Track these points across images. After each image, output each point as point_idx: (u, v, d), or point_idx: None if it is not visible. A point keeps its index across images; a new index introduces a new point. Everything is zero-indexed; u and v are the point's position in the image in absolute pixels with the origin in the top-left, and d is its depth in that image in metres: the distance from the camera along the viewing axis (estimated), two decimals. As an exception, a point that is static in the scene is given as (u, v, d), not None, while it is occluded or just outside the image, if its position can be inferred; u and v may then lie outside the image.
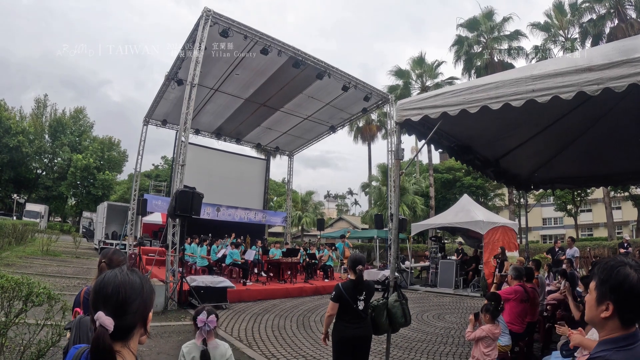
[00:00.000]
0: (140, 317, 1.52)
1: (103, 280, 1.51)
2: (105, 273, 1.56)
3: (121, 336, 1.46)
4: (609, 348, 1.59)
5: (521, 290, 6.16)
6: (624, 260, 1.65)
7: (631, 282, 1.57)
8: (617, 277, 1.61)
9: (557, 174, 10.55)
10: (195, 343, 3.33)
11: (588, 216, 51.15)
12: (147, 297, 1.56)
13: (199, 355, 3.27)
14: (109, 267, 2.99)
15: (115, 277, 1.51)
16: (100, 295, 1.47)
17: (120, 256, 3.37)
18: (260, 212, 25.82)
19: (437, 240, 19.98)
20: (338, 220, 64.71)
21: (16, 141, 49.83)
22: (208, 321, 3.29)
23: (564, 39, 29.59)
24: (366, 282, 4.51)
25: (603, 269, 1.69)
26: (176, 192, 11.19)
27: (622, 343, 1.57)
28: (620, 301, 1.59)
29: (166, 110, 21.10)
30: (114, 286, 1.48)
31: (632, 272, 1.58)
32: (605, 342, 1.63)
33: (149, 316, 1.58)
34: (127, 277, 1.53)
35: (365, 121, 41.04)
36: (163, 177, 51.43)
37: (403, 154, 5.74)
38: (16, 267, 14.22)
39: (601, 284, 1.66)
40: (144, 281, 1.58)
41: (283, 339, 8.44)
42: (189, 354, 3.31)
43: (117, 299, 1.46)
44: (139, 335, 1.55)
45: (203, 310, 3.33)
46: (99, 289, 1.49)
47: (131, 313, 1.48)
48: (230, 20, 13.78)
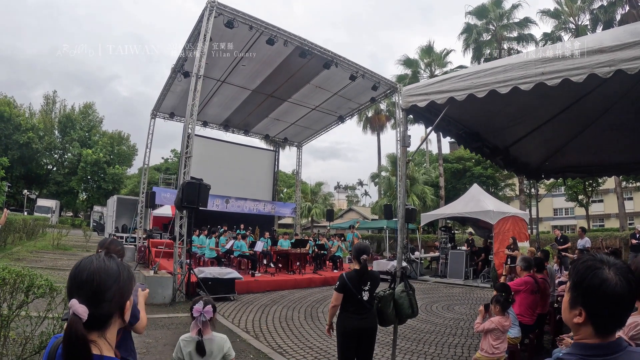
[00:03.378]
0: (116, 306, 1.44)
1: (79, 267, 1.43)
2: (81, 259, 1.47)
3: (97, 325, 1.39)
4: (578, 354, 1.43)
5: (531, 281, 6.03)
6: (604, 259, 1.44)
7: (607, 288, 1.38)
8: (591, 280, 1.41)
9: (568, 162, 10.34)
10: (191, 334, 3.25)
11: (599, 207, 50.67)
12: (124, 284, 1.47)
13: (194, 346, 3.20)
14: None
15: (90, 263, 1.43)
16: (75, 282, 1.40)
17: (118, 245, 3.28)
18: (270, 203, 25.82)
19: (447, 231, 19.86)
20: (348, 211, 64.70)
21: (26, 138, 50.30)
22: (204, 311, 3.19)
23: (574, 26, 29.17)
24: (371, 272, 4.40)
25: (577, 270, 1.49)
26: (183, 184, 11.15)
27: (594, 351, 1.40)
28: (594, 308, 1.41)
29: (173, 103, 21.08)
30: (89, 272, 1.40)
31: (611, 275, 1.38)
32: (577, 345, 1.46)
33: (127, 305, 1.49)
34: (104, 263, 1.45)
35: (374, 111, 40.84)
36: (173, 170, 51.57)
37: (410, 141, 5.62)
38: (27, 262, 14.26)
39: (574, 286, 1.48)
40: (122, 268, 1.50)
41: (290, 330, 8.40)
42: (185, 346, 3.24)
43: (92, 286, 1.38)
44: (117, 325, 1.47)
45: (200, 300, 3.24)
46: (73, 276, 1.42)
47: (107, 301, 1.40)
48: (235, 11, 13.68)
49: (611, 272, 1.39)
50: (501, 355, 4.82)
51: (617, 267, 1.41)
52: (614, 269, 1.40)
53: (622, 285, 1.37)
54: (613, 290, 1.37)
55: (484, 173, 36.78)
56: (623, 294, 1.37)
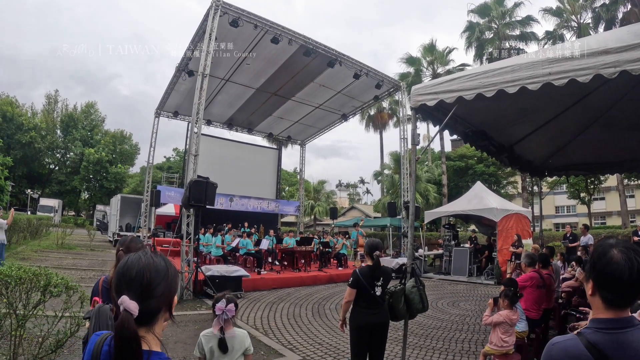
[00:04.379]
0: (165, 301, 1.47)
1: (126, 264, 1.46)
2: (128, 256, 1.50)
3: (146, 321, 1.41)
4: (591, 327, 1.57)
5: (536, 276, 6.13)
6: (613, 242, 1.62)
7: (607, 260, 1.55)
8: (598, 257, 1.60)
9: (571, 160, 10.45)
10: (212, 331, 3.29)
11: (601, 204, 50.62)
12: (172, 280, 1.50)
13: (217, 343, 3.24)
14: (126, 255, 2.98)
15: (139, 259, 1.46)
16: (124, 279, 1.42)
17: (138, 243, 3.25)
18: (273, 201, 25.89)
19: (450, 228, 19.91)
20: (350, 209, 64.71)
21: (29, 137, 50.49)
22: (227, 309, 3.23)
23: (577, 24, 29.19)
24: (383, 267, 4.49)
25: (592, 251, 1.70)
26: (190, 182, 11.23)
27: (606, 325, 1.54)
28: (598, 280, 1.58)
29: (177, 102, 21.15)
30: (138, 269, 1.43)
31: (613, 251, 1.56)
32: (592, 320, 1.61)
33: (174, 300, 1.53)
34: (152, 259, 1.48)
35: (376, 109, 40.97)
36: (175, 169, 51.70)
37: (419, 140, 5.71)
38: (32, 261, 14.34)
39: (588, 264, 1.67)
40: (169, 264, 1.53)
41: (299, 326, 8.49)
42: (207, 342, 3.28)
43: (142, 282, 1.41)
44: (163, 320, 1.50)
45: (222, 298, 3.27)
46: (122, 273, 1.44)
47: (156, 297, 1.43)
48: (240, 10, 13.75)
49: (615, 250, 1.56)
50: (509, 349, 4.92)
51: (623, 247, 1.57)
52: (619, 247, 1.57)
53: (624, 260, 1.53)
54: (609, 261, 1.54)
55: (486, 171, 36.77)
56: (622, 269, 1.52)
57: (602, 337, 1.51)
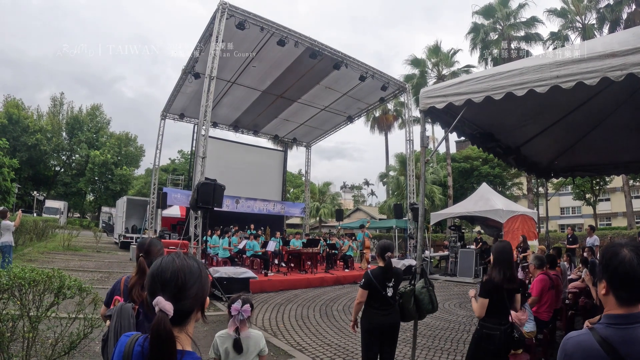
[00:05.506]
0: (198, 302, 1.52)
1: (160, 266, 1.50)
2: (161, 258, 1.54)
3: (179, 321, 1.45)
4: (604, 322, 1.65)
5: (546, 278, 6.16)
6: (623, 242, 1.70)
7: (619, 260, 1.63)
8: (610, 257, 1.67)
9: (577, 161, 10.45)
10: (228, 332, 3.27)
11: (607, 205, 50.41)
12: (204, 281, 1.55)
13: (232, 343, 3.23)
14: (147, 259, 2.96)
15: (172, 261, 1.50)
16: (159, 280, 1.46)
17: (157, 246, 3.23)
18: (279, 203, 25.96)
19: (456, 230, 19.92)
20: (355, 210, 64.64)
21: (34, 139, 50.75)
22: (242, 310, 3.21)
23: (581, 25, 29.17)
24: (395, 269, 4.54)
25: (603, 252, 1.79)
26: (198, 184, 11.31)
27: (618, 321, 1.61)
28: (611, 280, 1.66)
29: (183, 104, 21.27)
30: (173, 271, 1.47)
31: (625, 251, 1.63)
32: (605, 316, 1.68)
33: (207, 301, 1.58)
34: (185, 261, 1.52)
35: (381, 111, 40.95)
36: (180, 171, 51.80)
37: (428, 142, 5.75)
38: (39, 263, 14.41)
39: (600, 264, 1.76)
40: (201, 266, 1.57)
41: (307, 327, 8.53)
42: (222, 343, 3.27)
43: (176, 283, 1.45)
44: (194, 320, 1.54)
45: (238, 299, 3.25)
46: (156, 274, 1.48)
47: (190, 298, 1.47)
48: (246, 13, 13.84)
49: (626, 250, 1.64)
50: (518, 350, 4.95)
51: (633, 246, 1.66)
52: (629, 247, 1.65)
53: (635, 259, 1.61)
54: (621, 261, 1.62)
55: (491, 172, 36.70)
56: (635, 267, 1.60)
57: (614, 332, 1.59)
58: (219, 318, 8.85)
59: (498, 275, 4.09)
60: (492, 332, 4.10)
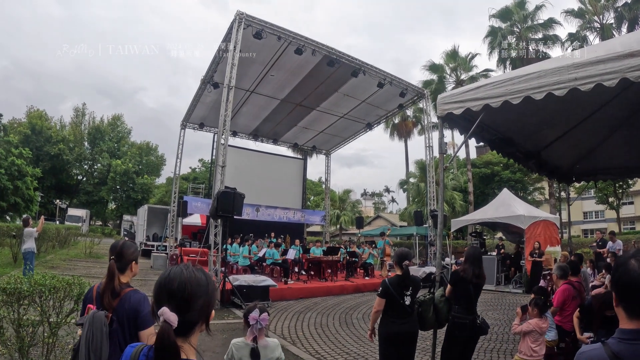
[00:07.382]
0: (203, 314, 1.53)
1: (168, 276, 1.51)
2: (170, 269, 1.55)
3: (184, 332, 1.47)
4: (616, 337, 1.60)
5: (569, 288, 6.02)
6: (632, 253, 1.64)
7: (625, 270, 1.58)
8: (619, 270, 1.62)
9: (599, 164, 10.30)
10: (245, 340, 3.27)
11: (630, 209, 49.35)
12: (211, 294, 1.57)
13: (249, 352, 3.22)
14: (118, 263, 2.90)
15: (181, 273, 1.51)
16: (165, 291, 1.48)
17: (130, 248, 3.10)
18: (299, 211, 25.94)
19: (477, 236, 19.72)
20: (376, 218, 64.45)
21: (57, 149, 51.80)
22: (260, 319, 3.21)
23: (599, 25, 28.79)
24: (413, 277, 4.50)
25: (615, 263, 1.75)
26: (218, 193, 11.37)
27: (629, 336, 1.56)
28: (621, 293, 1.61)
29: (203, 113, 21.43)
30: (180, 282, 1.48)
31: (632, 262, 1.58)
32: (618, 330, 1.63)
33: (212, 313, 1.59)
34: (193, 273, 1.53)
35: (401, 117, 40.83)
36: (201, 179, 52.18)
37: (447, 148, 5.71)
38: (61, 269, 14.60)
39: (612, 276, 1.74)
40: (209, 279, 1.58)
41: (326, 336, 8.50)
42: (238, 351, 3.26)
43: (183, 295, 1.46)
44: (199, 331, 1.56)
45: (255, 308, 3.25)
46: (164, 284, 1.49)
47: (196, 310, 1.48)
48: (263, 22, 13.92)
49: (634, 260, 1.58)
50: (539, 359, 4.86)
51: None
52: (637, 257, 1.59)
53: None
54: (630, 272, 1.56)
55: (512, 177, 36.32)
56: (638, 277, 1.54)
57: (625, 347, 1.54)
58: (238, 326, 8.85)
59: (468, 271, 4.81)
60: (462, 321, 4.81)
